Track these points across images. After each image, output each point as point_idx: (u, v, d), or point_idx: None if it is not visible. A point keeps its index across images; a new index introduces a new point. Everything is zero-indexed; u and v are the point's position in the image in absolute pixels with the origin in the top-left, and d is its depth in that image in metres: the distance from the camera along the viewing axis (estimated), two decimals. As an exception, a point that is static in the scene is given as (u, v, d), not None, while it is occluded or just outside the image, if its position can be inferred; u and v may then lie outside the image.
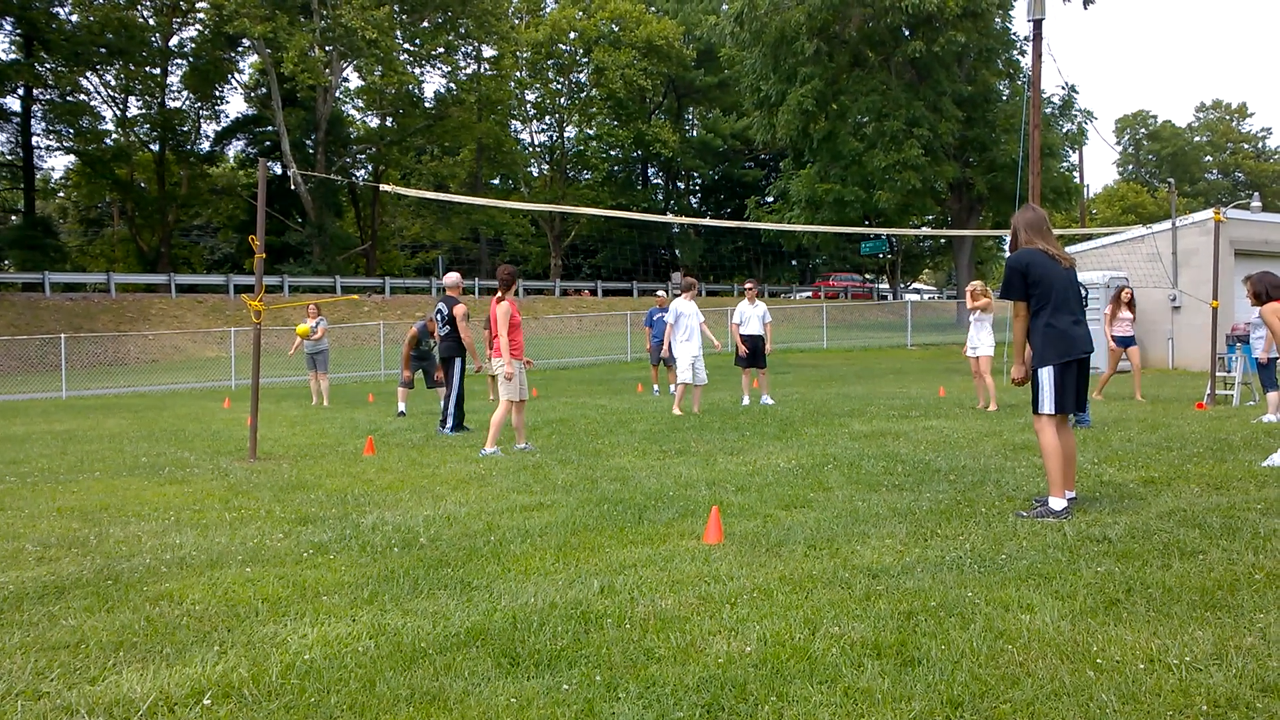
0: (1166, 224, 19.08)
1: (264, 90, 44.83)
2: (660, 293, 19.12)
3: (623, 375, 23.89)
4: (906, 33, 35.69)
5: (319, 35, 41.19)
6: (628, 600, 4.03)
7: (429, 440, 10.39)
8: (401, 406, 13.89)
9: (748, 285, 14.76)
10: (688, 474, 7.44)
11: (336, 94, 46.18)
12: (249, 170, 49.72)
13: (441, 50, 47.04)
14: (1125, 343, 13.39)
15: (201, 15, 41.71)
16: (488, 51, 51.13)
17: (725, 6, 40.94)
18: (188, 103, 47.80)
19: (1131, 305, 13.39)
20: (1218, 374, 12.85)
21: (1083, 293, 5.98)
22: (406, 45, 46.33)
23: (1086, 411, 9.89)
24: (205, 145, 49.97)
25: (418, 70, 48.02)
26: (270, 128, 45.90)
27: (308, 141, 46.24)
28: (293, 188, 40.01)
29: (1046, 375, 5.62)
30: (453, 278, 11.68)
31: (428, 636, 3.65)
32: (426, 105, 49.68)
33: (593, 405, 14.56)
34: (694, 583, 4.28)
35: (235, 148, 53.35)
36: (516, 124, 56.79)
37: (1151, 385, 15.91)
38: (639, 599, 4.04)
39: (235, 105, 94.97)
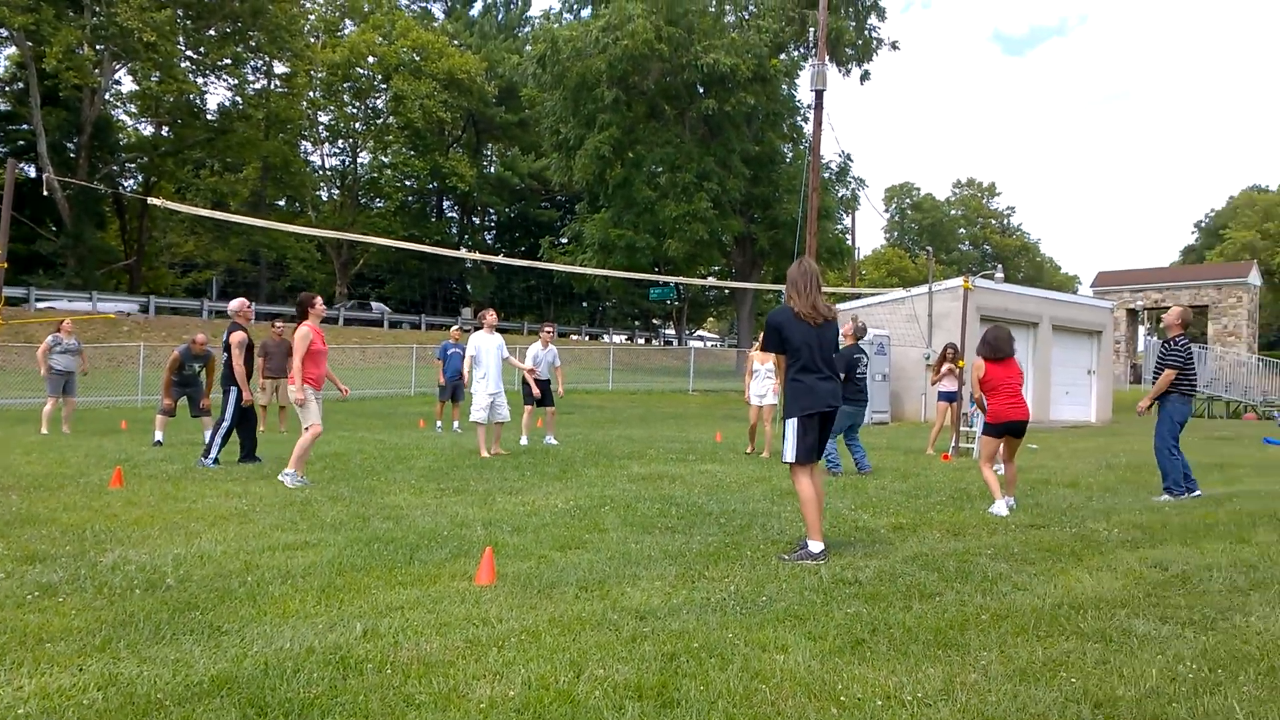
0: (924, 288, 20.58)
1: (21, 85, 41.32)
2: (454, 327, 18.83)
3: (405, 410, 23.36)
4: (701, 90, 37.05)
5: (89, 33, 38.50)
6: (391, 644, 3.92)
7: (187, 472, 9.75)
8: (158, 435, 13.01)
9: (546, 329, 14.64)
10: (464, 513, 7.34)
11: (106, 97, 43.18)
12: (-1, 170, 45.70)
13: (228, 61, 44.94)
14: (948, 398, 14.25)
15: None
16: (280, 68, 49.33)
17: (529, 47, 41.26)
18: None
19: (956, 363, 14.14)
20: (962, 428, 13.88)
21: (840, 348, 6.36)
22: (189, 52, 43.99)
23: (835, 458, 10.52)
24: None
25: (200, 80, 45.65)
26: (26, 126, 42.24)
27: (69, 144, 42.90)
28: (47, 193, 36.89)
29: (791, 427, 5.93)
30: (237, 303, 11.09)
31: (166, 687, 3.40)
32: (209, 117, 47.22)
33: (371, 440, 14.15)
34: (462, 625, 4.22)
35: (-18, 144, 49.02)
36: (307, 145, 55.01)
37: (905, 438, 17.00)
38: (403, 642, 3.94)
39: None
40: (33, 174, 40.05)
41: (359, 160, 56.77)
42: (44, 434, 14.54)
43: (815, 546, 5.80)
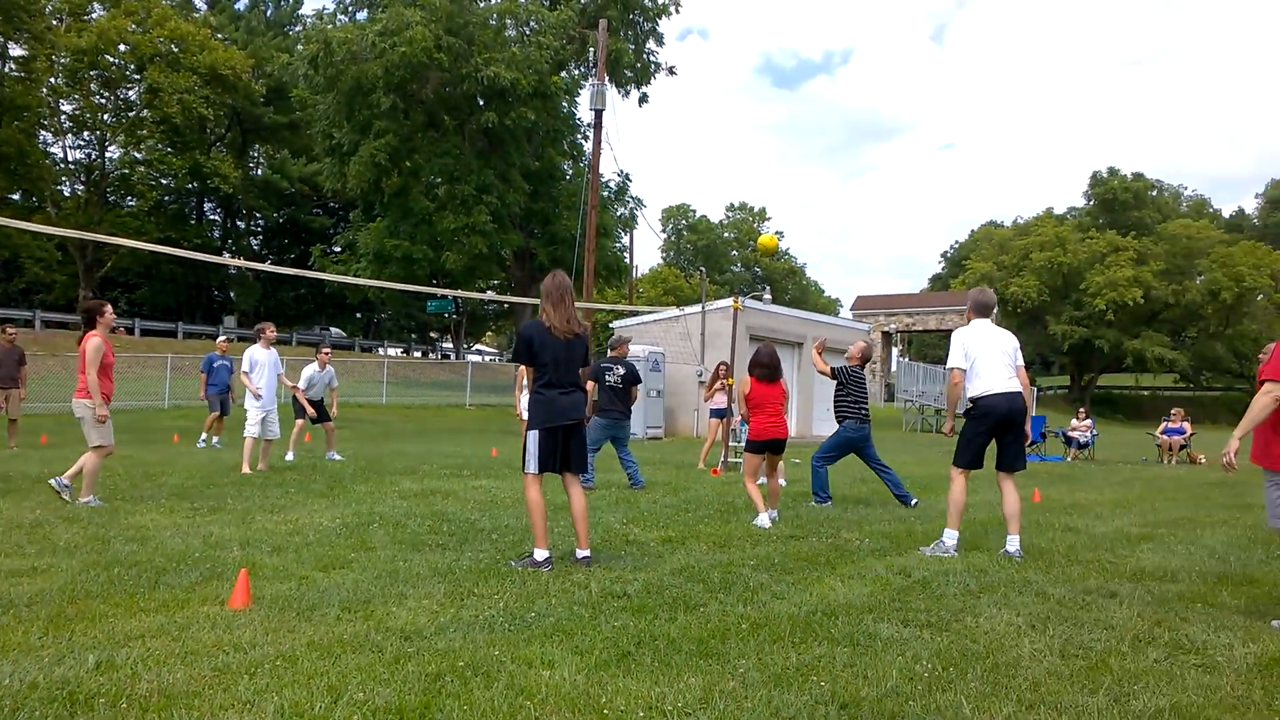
0: (697, 308, 21.23)
1: None
2: (221, 338, 17.83)
3: (158, 424, 21.88)
4: (481, 103, 36.76)
5: None
6: (129, 676, 3.63)
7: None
8: None
9: (324, 351, 14.38)
10: (220, 533, 6.94)
11: None
12: None
13: (-44, 41, 40.80)
14: (720, 414, 14.60)
15: None
16: (15, 50, 45.16)
17: (300, 47, 39.61)
18: None
19: (727, 380, 14.50)
20: (731, 444, 14.39)
21: (590, 362, 6.55)
22: (-92, 29, 39.67)
23: (590, 474, 10.63)
24: None
25: (-80, 59, 41.22)
26: None
27: None
28: None
29: (532, 438, 6.08)
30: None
31: None
32: (-71, 100, 42.66)
33: (117, 456, 13.13)
34: (211, 652, 3.97)
35: None
36: (47, 135, 50.51)
37: (678, 453, 17.46)
38: (143, 674, 3.66)
39: None
40: None
41: (108, 155, 52.69)
42: None
43: (540, 554, 5.98)
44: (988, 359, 6.87)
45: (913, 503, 9.73)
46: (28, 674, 3.62)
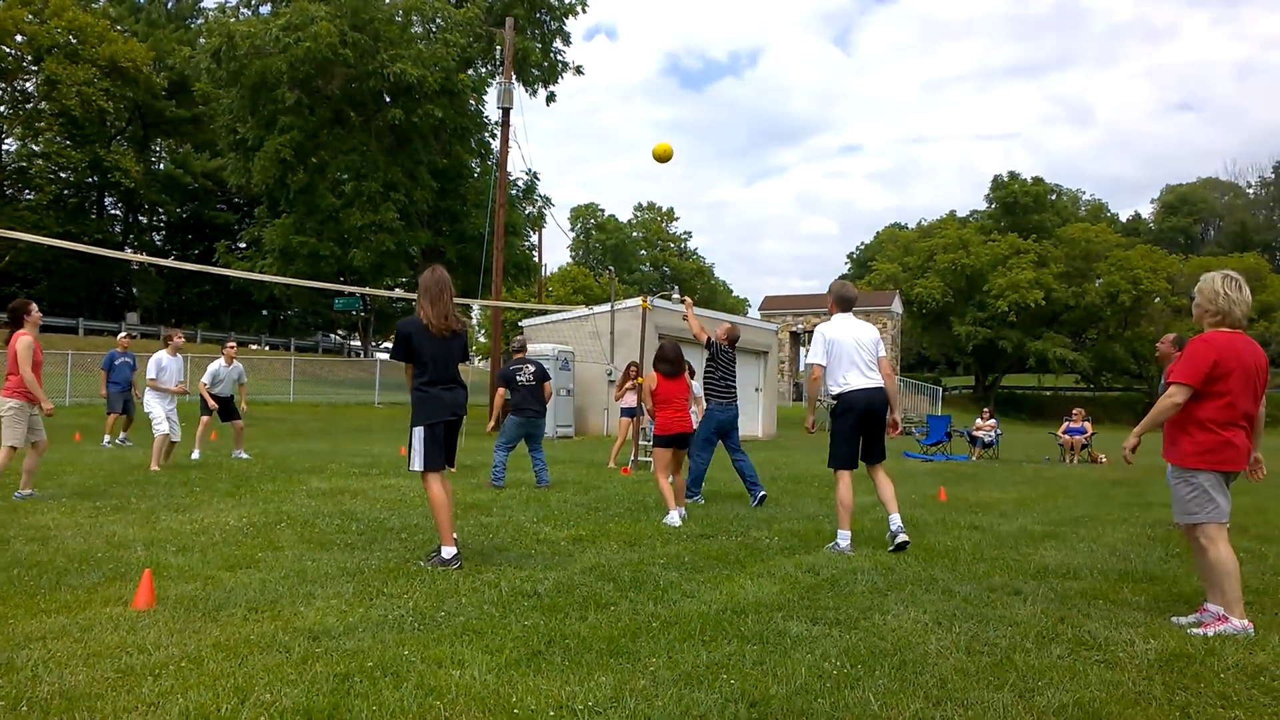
0: (606, 307, 21.33)
1: None
2: (121, 335, 17.34)
3: (59, 422, 21.12)
4: (388, 99, 36.30)
5: None
6: (30, 678, 3.58)
7: None
8: None
9: (230, 346, 14.29)
10: (123, 533, 6.81)
11: None
12: None
13: None
14: (630, 413, 14.63)
15: None
16: (-98, 36, 43.24)
17: (202, 40, 38.62)
18: None
19: (638, 379, 14.52)
20: (641, 442, 14.52)
21: (470, 356, 6.68)
22: None
23: (500, 473, 10.81)
24: None
25: None
26: None
27: None
28: None
29: (419, 435, 6.11)
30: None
31: None
32: None
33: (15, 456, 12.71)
34: (114, 654, 3.93)
35: None
36: (-62, 125, 48.45)
37: (588, 451, 17.53)
38: (44, 676, 3.61)
39: None
40: None
41: (4, 147, 50.68)
42: None
43: (448, 552, 6.02)
44: (848, 355, 7.00)
45: (760, 494, 9.74)
46: (-77, 679, 3.56)
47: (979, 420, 22.26)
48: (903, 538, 6.95)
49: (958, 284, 60.60)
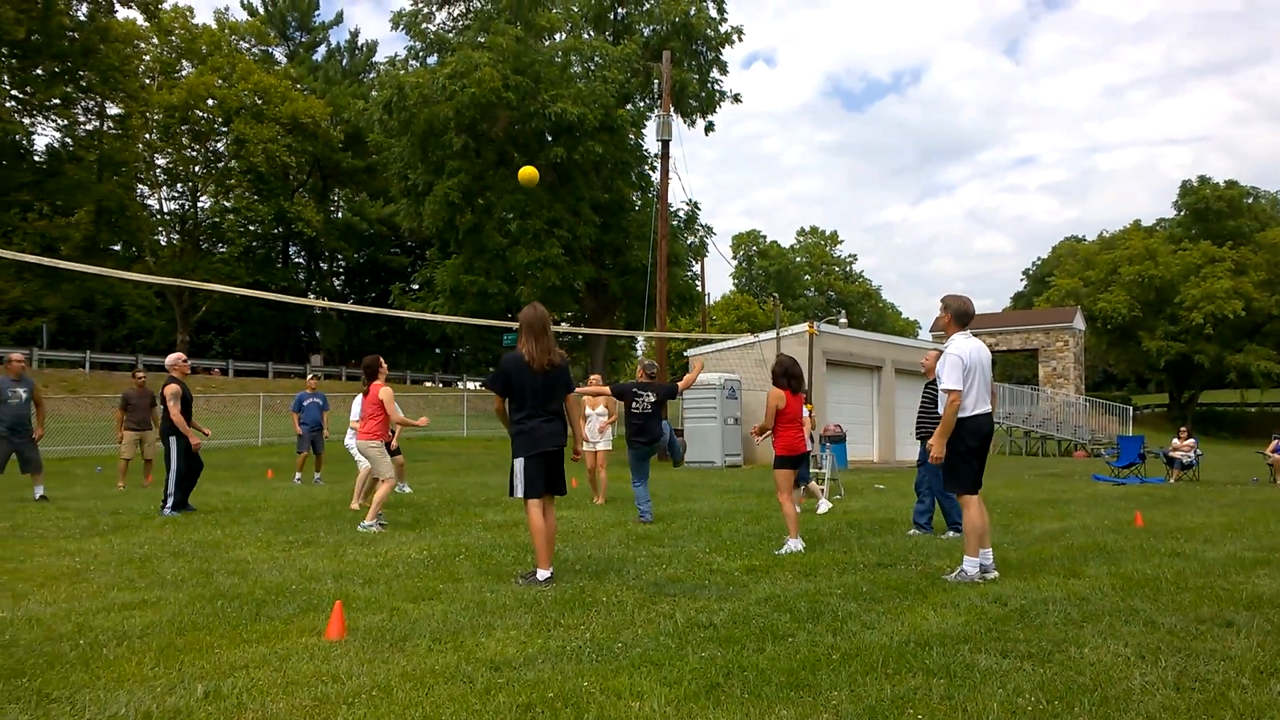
0: (772, 334, 21.16)
1: None
2: (310, 377, 18.34)
3: (252, 460, 22.50)
4: (550, 138, 37.32)
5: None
6: (235, 705, 3.77)
7: (15, 530, 9.18)
8: None
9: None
10: (314, 566, 7.13)
11: (-78, 135, 40.48)
12: None
13: (58, 102, 42.84)
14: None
15: None
16: (113, 109, 47.29)
17: (374, 93, 40.76)
18: None
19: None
20: (812, 470, 14.27)
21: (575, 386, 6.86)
22: (14, 91, 41.76)
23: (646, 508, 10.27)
24: None
25: (27, 120, 43.33)
26: None
27: (-121, 188, 40.07)
28: None
29: (519, 466, 6.56)
30: (173, 358, 11.44)
31: (-9, 759, 3.20)
32: (36, 159, 44.80)
33: (216, 492, 13.58)
34: (310, 683, 4.09)
35: None
36: (144, 188, 52.61)
37: (757, 480, 17.34)
38: (248, 703, 3.80)
39: None
40: None
41: (199, 204, 54.71)
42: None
43: (542, 574, 6.40)
44: (980, 378, 6.70)
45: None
46: (141, 703, 3.79)
47: (1176, 440, 20.90)
48: (994, 575, 6.60)
49: (1146, 297, 57.44)
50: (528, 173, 11.02)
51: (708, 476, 18.94)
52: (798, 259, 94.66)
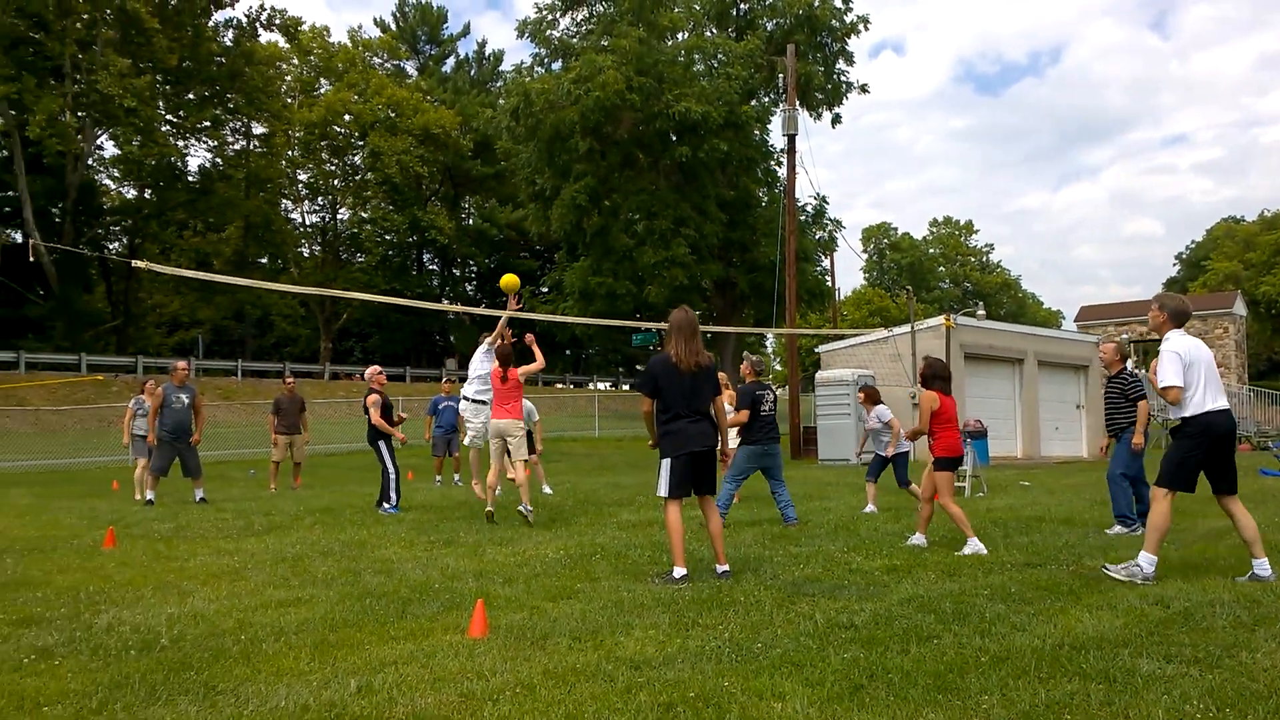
0: (906, 328, 20.68)
1: (6, 153, 41.44)
2: (444, 380, 18.76)
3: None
4: (674, 138, 37.35)
5: (71, 100, 38.72)
6: (386, 700, 3.88)
7: (179, 531, 9.71)
8: (149, 494, 12.90)
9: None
10: (455, 565, 7.30)
11: (90, 162, 43.32)
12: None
13: (208, 124, 45.27)
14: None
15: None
16: (258, 128, 49.68)
17: (501, 101, 41.63)
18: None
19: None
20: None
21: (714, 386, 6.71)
22: (169, 116, 44.28)
23: (788, 509, 9.91)
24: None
25: (181, 142, 45.90)
26: (11, 193, 42.25)
27: (54, 210, 43.00)
28: (33, 258, 36.92)
29: (665, 466, 6.59)
30: (372, 370, 12.42)
31: (164, 748, 3.37)
32: (190, 179, 47.42)
33: (359, 494, 14.07)
34: (456, 679, 4.18)
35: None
36: (287, 203, 55.15)
37: (890, 477, 16.94)
38: (398, 698, 3.90)
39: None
40: (19, 240, 39.99)
41: (339, 216, 56.94)
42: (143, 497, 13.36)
43: (678, 572, 6.45)
44: (1203, 374, 6.41)
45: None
46: (300, 696, 3.94)
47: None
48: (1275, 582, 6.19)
49: (1314, 278, 54.08)
50: (509, 281, 11.36)
51: (843, 474, 18.64)
52: (931, 250, 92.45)
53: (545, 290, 50.49)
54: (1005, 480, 15.68)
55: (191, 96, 44.31)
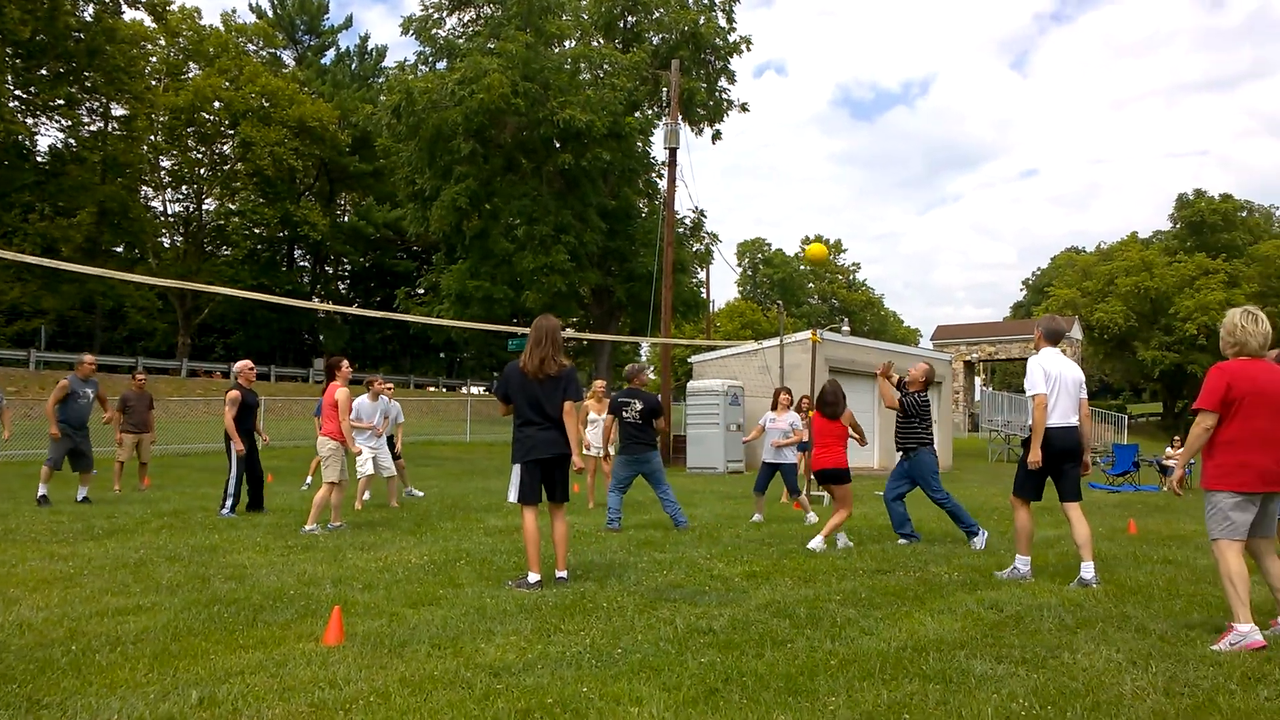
0: (775, 341, 21.11)
1: None
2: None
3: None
4: (558, 145, 37.32)
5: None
6: (230, 711, 3.75)
7: (7, 534, 9.13)
8: (43, 490, 12.30)
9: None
10: (313, 571, 7.11)
11: (-78, 137, 40.49)
12: None
13: (61, 102, 42.88)
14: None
15: None
16: (118, 110, 47.32)
17: (383, 98, 40.79)
18: None
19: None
20: (810, 476, 14.21)
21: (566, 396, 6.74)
22: (18, 91, 41.80)
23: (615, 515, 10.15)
24: None
25: (30, 120, 43.37)
26: None
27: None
28: None
29: (515, 472, 6.72)
30: (241, 364, 11.77)
31: (-18, 763, 3.17)
32: (39, 159, 44.82)
33: (214, 496, 13.53)
34: (308, 688, 4.07)
35: None
36: (148, 190, 52.67)
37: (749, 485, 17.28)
38: (244, 709, 3.78)
39: None
40: None
41: (204, 207, 54.75)
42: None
43: (532, 578, 6.51)
44: (1058, 392, 6.88)
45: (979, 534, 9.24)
46: (134, 709, 3.77)
47: (1169, 449, 20.90)
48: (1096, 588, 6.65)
49: (1141, 308, 57.70)
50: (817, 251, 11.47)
51: (710, 483, 18.90)
52: (801, 267, 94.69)
53: (421, 292, 49.57)
54: (861, 490, 16.13)
55: (44, 72, 41.82)
